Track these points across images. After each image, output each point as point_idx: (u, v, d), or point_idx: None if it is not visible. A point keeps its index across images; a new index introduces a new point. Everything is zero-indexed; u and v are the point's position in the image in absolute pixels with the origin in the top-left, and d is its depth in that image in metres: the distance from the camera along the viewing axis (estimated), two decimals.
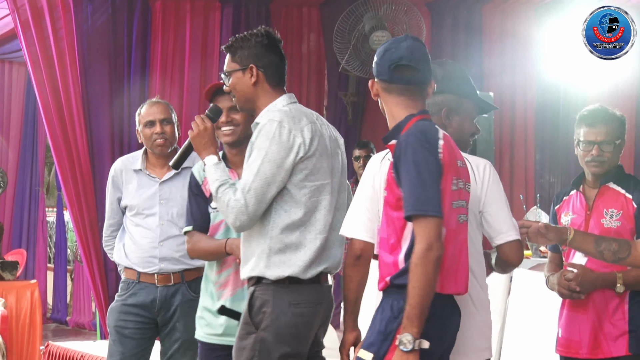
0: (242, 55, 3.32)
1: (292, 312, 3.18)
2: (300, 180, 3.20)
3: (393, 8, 7.83)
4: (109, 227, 4.58)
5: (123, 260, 4.47)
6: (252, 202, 3.14)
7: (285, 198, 3.20)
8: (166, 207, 4.42)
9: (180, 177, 4.43)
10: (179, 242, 4.36)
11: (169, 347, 4.41)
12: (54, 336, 8.81)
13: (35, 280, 7.83)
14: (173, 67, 7.57)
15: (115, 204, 4.53)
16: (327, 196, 3.25)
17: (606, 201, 3.57)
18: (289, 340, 3.18)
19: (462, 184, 2.87)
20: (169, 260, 4.39)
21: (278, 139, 3.16)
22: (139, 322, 4.40)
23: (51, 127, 7.05)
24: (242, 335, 3.22)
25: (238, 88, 3.34)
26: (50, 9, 7.03)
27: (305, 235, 3.21)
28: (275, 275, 3.19)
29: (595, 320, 3.52)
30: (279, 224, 3.20)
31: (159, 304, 4.38)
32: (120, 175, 4.52)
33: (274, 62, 3.33)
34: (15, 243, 9.99)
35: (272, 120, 3.19)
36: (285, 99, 3.32)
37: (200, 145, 3.38)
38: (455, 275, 2.81)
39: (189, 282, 4.41)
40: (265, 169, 3.15)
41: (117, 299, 4.47)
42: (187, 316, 4.33)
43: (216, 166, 3.29)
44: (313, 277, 3.22)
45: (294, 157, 3.17)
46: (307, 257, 3.20)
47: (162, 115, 4.47)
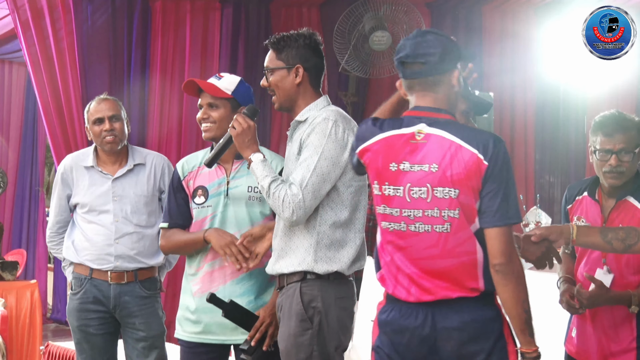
0: (289, 54, 3.36)
1: (339, 306, 3.28)
2: (349, 179, 3.28)
3: (393, 8, 7.83)
4: (56, 223, 4.56)
5: (73, 257, 4.46)
6: (309, 197, 3.20)
7: (332, 196, 3.27)
8: (120, 204, 4.41)
9: (133, 173, 4.45)
10: (134, 240, 4.39)
11: (134, 346, 4.42)
12: (54, 336, 8.80)
13: (35, 280, 7.82)
14: (173, 68, 7.57)
15: (64, 201, 4.52)
16: (364, 196, 3.36)
17: (622, 217, 3.41)
18: (339, 334, 3.28)
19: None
20: (124, 258, 4.40)
21: (334, 137, 3.24)
22: (100, 317, 4.43)
23: (51, 127, 7.05)
24: (299, 332, 3.26)
25: (281, 86, 3.38)
26: (50, 9, 7.03)
27: (347, 233, 3.30)
28: (324, 269, 3.26)
29: (602, 335, 3.46)
30: (327, 220, 3.27)
31: (113, 301, 4.41)
32: (71, 172, 4.50)
33: (318, 65, 3.39)
34: (15, 243, 9.99)
35: (327, 119, 3.26)
36: (325, 100, 3.41)
37: (244, 143, 3.37)
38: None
39: (142, 281, 4.42)
40: (322, 165, 3.22)
41: (71, 297, 4.48)
42: (146, 314, 4.38)
43: (263, 163, 3.31)
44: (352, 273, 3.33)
45: (348, 156, 3.23)
46: (350, 254, 3.29)
47: (111, 112, 4.45)
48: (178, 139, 7.55)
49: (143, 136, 7.38)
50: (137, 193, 4.42)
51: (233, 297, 3.60)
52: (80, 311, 4.42)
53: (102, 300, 4.41)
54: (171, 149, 7.47)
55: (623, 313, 3.41)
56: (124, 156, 4.49)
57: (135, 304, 4.40)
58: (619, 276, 3.40)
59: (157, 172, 4.47)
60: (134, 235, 4.39)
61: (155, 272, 4.51)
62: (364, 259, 3.38)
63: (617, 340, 3.44)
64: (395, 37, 7.85)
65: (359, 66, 7.93)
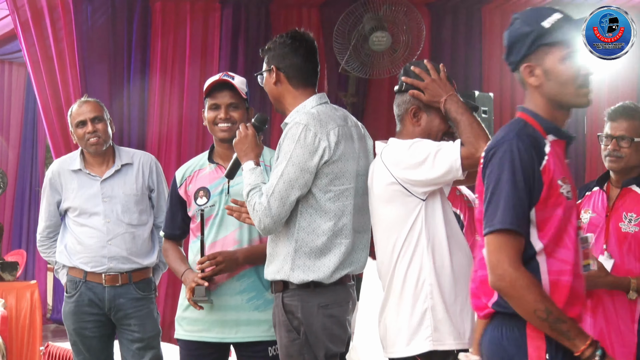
0: (269, 56, 3.40)
1: (323, 313, 3.22)
2: (325, 185, 3.23)
3: (393, 9, 7.83)
4: (46, 228, 4.57)
5: (66, 261, 4.46)
6: (275, 205, 3.17)
7: (311, 202, 3.23)
8: (110, 205, 4.42)
9: (121, 174, 4.46)
10: (126, 240, 4.40)
11: (129, 347, 4.42)
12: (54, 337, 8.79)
13: (35, 280, 7.83)
14: (173, 68, 7.57)
15: (54, 207, 4.52)
16: (351, 200, 3.27)
17: (627, 204, 3.53)
18: (327, 342, 3.22)
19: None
20: (117, 259, 4.40)
21: (303, 142, 3.19)
22: (95, 320, 4.43)
23: (51, 128, 7.05)
24: (288, 343, 3.25)
25: (266, 88, 3.42)
26: (50, 10, 7.03)
27: (331, 240, 3.23)
28: (300, 279, 3.22)
29: (603, 325, 3.48)
30: (305, 227, 3.23)
31: (108, 304, 4.40)
32: (58, 177, 4.50)
33: (296, 64, 3.37)
34: (15, 244, 10.00)
35: (298, 124, 3.23)
36: (315, 100, 3.36)
37: (241, 151, 3.40)
38: None
39: (137, 282, 4.42)
40: (288, 172, 3.18)
41: (67, 300, 4.48)
42: (140, 315, 4.39)
43: (252, 171, 3.31)
44: (336, 280, 3.25)
45: (318, 160, 3.20)
46: (332, 263, 3.23)
47: (92, 114, 4.45)
48: (178, 139, 7.55)
49: (143, 136, 7.38)
50: (127, 192, 4.43)
51: (233, 295, 3.63)
52: (76, 314, 4.42)
53: (97, 302, 4.41)
54: (171, 150, 7.47)
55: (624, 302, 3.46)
56: (111, 157, 4.50)
57: (130, 306, 4.40)
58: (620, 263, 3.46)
59: (145, 171, 4.48)
60: (127, 235, 4.39)
61: (149, 274, 4.50)
62: (357, 264, 3.30)
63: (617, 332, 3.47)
64: (395, 37, 7.85)
65: (358, 67, 7.92)
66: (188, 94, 7.56)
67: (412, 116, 3.20)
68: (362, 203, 3.31)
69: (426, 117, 3.20)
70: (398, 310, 3.14)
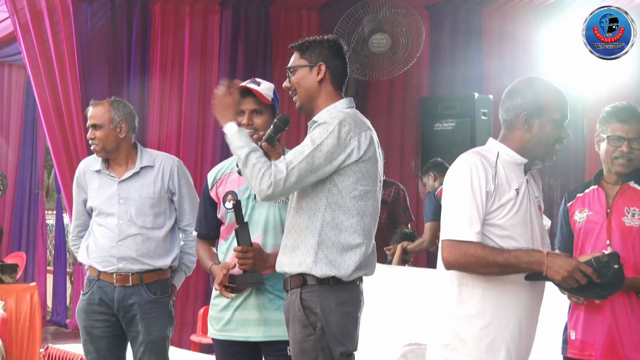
0: (312, 53, 3.39)
1: (340, 311, 3.24)
2: (352, 183, 3.24)
3: (392, 11, 7.84)
4: (76, 227, 4.60)
5: (85, 260, 4.50)
6: (292, 179, 3.18)
7: (336, 198, 3.24)
8: (125, 206, 4.42)
9: (139, 176, 4.47)
10: (137, 241, 4.40)
11: (137, 350, 4.43)
12: (54, 339, 8.80)
13: (34, 283, 7.83)
14: (172, 70, 7.57)
15: (81, 205, 4.55)
16: (372, 202, 3.30)
17: (627, 199, 3.51)
18: (342, 339, 3.24)
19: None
20: (127, 260, 4.40)
21: (337, 135, 3.21)
22: (105, 320, 4.43)
23: (50, 130, 7.05)
24: (303, 338, 3.25)
25: (302, 84, 3.38)
26: (49, 12, 7.03)
27: (354, 239, 3.25)
28: (322, 272, 3.23)
29: (612, 324, 3.47)
30: (329, 222, 3.24)
31: (117, 304, 4.40)
32: (84, 176, 4.54)
33: (340, 67, 3.41)
34: (14, 246, 9.99)
35: (334, 118, 3.24)
36: (346, 103, 3.38)
37: (219, 112, 3.38)
38: None
39: (148, 284, 4.42)
40: (315, 156, 3.19)
41: (81, 298, 4.52)
42: (148, 318, 4.38)
43: (239, 133, 3.29)
44: (353, 279, 3.27)
45: (344, 158, 3.21)
46: (353, 261, 3.25)
47: (93, 121, 4.48)
48: (177, 141, 7.55)
49: (143, 138, 7.38)
50: (142, 195, 4.43)
51: (258, 295, 3.65)
52: (87, 312, 4.44)
53: (107, 302, 4.41)
54: (170, 151, 7.45)
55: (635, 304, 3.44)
56: (132, 158, 4.51)
57: (139, 308, 4.39)
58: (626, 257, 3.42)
59: (165, 174, 4.48)
60: (138, 237, 4.39)
61: (164, 276, 4.47)
62: (371, 267, 3.33)
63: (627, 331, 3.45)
64: (395, 39, 7.86)
65: (358, 68, 7.93)
66: (187, 96, 7.56)
67: (523, 122, 3.10)
68: (377, 207, 3.35)
69: (538, 124, 3.10)
70: None
